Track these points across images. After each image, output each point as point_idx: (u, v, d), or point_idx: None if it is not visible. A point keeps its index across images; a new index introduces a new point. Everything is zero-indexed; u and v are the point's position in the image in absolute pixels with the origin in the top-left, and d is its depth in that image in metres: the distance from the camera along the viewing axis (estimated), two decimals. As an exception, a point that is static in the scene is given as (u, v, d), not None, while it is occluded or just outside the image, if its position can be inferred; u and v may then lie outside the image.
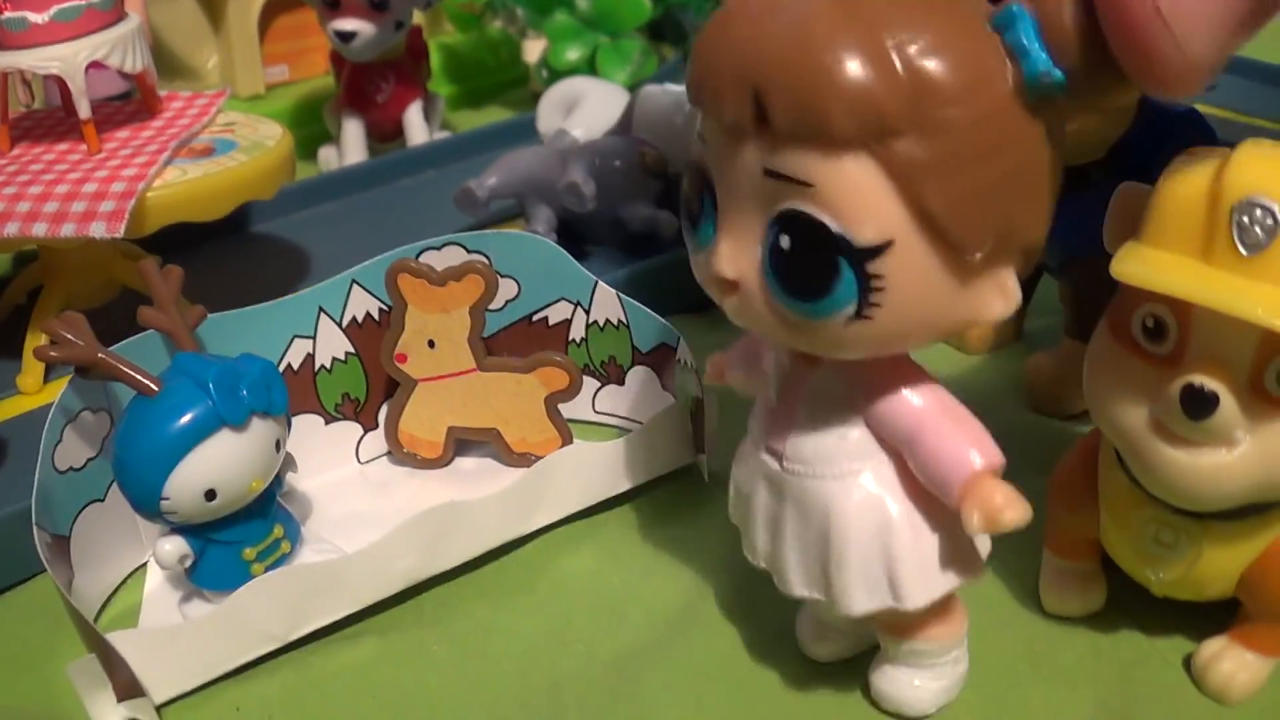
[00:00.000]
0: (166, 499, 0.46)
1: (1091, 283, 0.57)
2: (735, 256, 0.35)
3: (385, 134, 0.94)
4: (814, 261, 0.33)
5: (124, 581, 0.53)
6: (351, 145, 0.92)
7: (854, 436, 0.39)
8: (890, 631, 0.42)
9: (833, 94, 0.31)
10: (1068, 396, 0.59)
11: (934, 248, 0.33)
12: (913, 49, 0.31)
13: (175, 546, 0.48)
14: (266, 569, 0.49)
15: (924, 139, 0.32)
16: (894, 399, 0.38)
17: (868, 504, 0.38)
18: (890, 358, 0.38)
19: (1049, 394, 0.60)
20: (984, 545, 0.40)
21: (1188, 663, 0.45)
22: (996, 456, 0.37)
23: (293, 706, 0.47)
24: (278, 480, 0.51)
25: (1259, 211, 0.35)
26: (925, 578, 0.39)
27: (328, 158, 0.95)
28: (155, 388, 0.46)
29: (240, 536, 0.49)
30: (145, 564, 0.54)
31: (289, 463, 0.52)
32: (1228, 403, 0.37)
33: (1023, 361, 0.63)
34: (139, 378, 0.46)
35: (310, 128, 0.98)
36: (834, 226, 0.33)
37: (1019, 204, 0.34)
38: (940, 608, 0.41)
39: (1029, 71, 0.32)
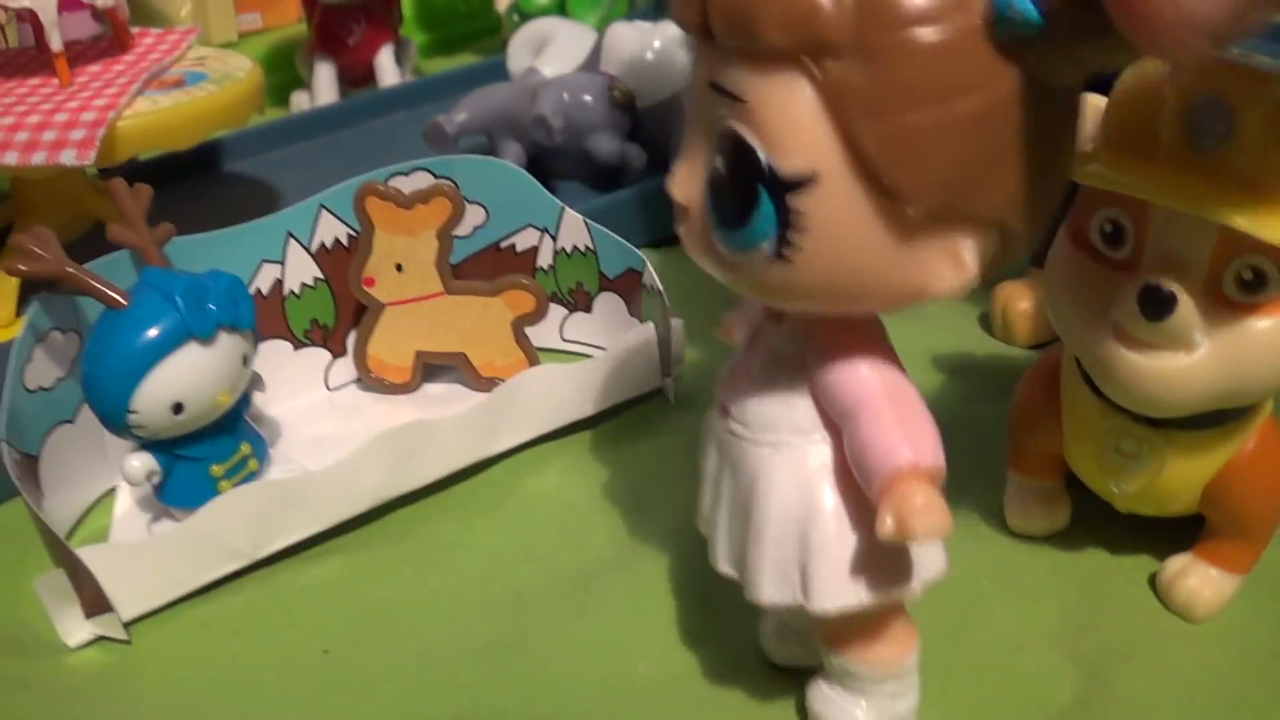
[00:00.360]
0: (134, 412, 0.46)
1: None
2: (686, 180, 0.32)
3: (356, 78, 0.94)
4: (736, 186, 0.30)
5: (93, 505, 0.54)
6: (323, 88, 0.92)
7: (800, 406, 0.35)
8: (822, 639, 0.38)
9: (772, 10, 0.28)
10: (1032, 326, 0.60)
11: (865, 191, 0.29)
12: None
13: (143, 463, 0.48)
14: (234, 486, 0.50)
15: (865, 63, 0.28)
16: (839, 369, 0.33)
17: (796, 482, 0.34)
18: (848, 323, 0.34)
19: (1014, 323, 0.60)
20: (930, 563, 0.36)
21: (1153, 580, 0.46)
22: (933, 458, 0.32)
23: (259, 622, 0.47)
24: (245, 398, 0.51)
25: (1212, 112, 0.36)
26: (838, 582, 0.34)
27: (299, 102, 0.95)
28: (123, 301, 0.47)
29: (207, 453, 0.50)
30: (115, 488, 0.54)
31: (256, 382, 0.52)
32: (1185, 304, 0.37)
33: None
34: (107, 291, 0.47)
35: (283, 74, 0.98)
36: (759, 150, 0.29)
37: (975, 160, 0.29)
38: (871, 626, 0.37)
39: (997, 2, 0.27)
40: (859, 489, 0.33)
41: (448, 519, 0.51)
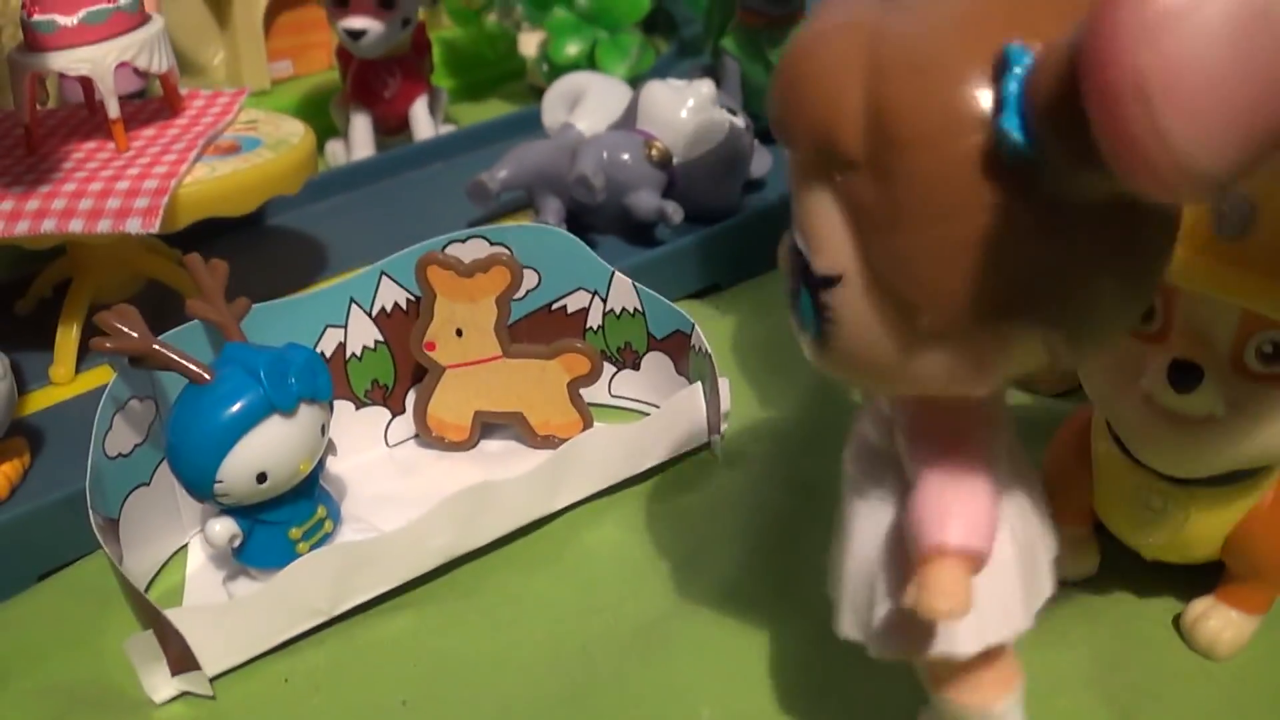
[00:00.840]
0: (220, 482, 0.49)
1: None
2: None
3: (391, 127, 0.97)
4: (792, 272, 0.32)
5: (166, 563, 0.56)
6: (360, 139, 0.94)
7: (892, 467, 0.36)
8: (925, 678, 0.40)
9: (797, 108, 0.30)
10: (1055, 374, 0.61)
11: (879, 297, 0.30)
12: (894, 74, 0.28)
13: (225, 527, 0.51)
14: (311, 548, 0.52)
15: (875, 179, 0.28)
16: (913, 439, 0.34)
17: (873, 534, 0.36)
18: (930, 398, 0.34)
19: (1036, 372, 0.62)
20: (997, 625, 0.36)
21: (1177, 622, 0.48)
22: (972, 541, 0.32)
23: (339, 675, 0.49)
24: (320, 464, 0.53)
25: (1235, 206, 0.38)
26: (892, 632, 0.36)
27: (334, 150, 0.97)
28: (208, 376, 0.49)
29: (286, 517, 0.52)
30: (186, 545, 0.57)
31: (330, 446, 0.55)
32: (1211, 377, 0.39)
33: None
34: (193, 367, 0.49)
35: (315, 122, 0.99)
36: (800, 245, 0.31)
37: (988, 277, 0.28)
38: (968, 668, 0.38)
39: (996, 127, 0.27)
40: None
41: (511, 572, 0.54)
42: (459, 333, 0.58)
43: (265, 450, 0.49)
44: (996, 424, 0.34)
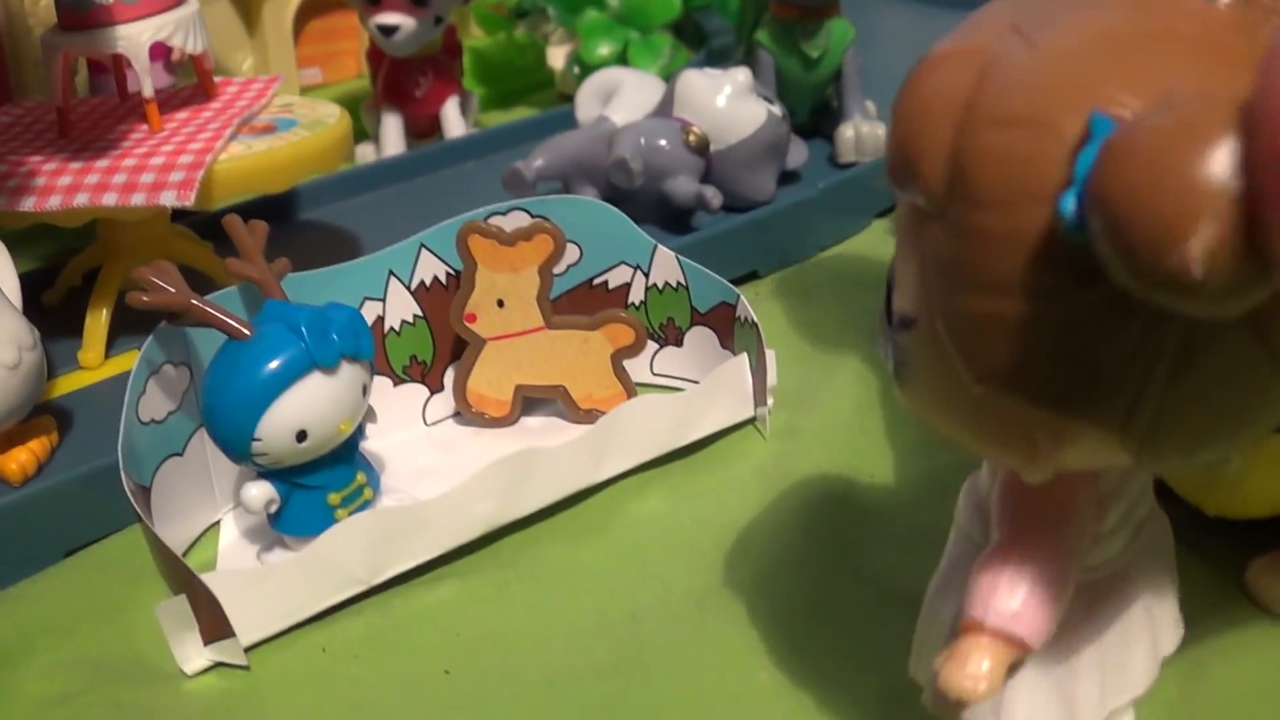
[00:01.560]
0: (259, 440, 0.47)
1: None
2: None
3: (422, 130, 0.96)
4: (885, 306, 0.31)
5: (199, 538, 0.55)
6: (391, 139, 0.93)
7: (981, 511, 0.34)
8: None
9: (895, 137, 0.28)
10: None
11: (941, 350, 0.28)
12: (983, 119, 0.26)
13: (262, 491, 0.49)
14: (350, 515, 0.51)
15: (946, 232, 0.27)
16: (1003, 499, 0.32)
17: (949, 577, 0.36)
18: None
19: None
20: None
21: (1241, 579, 0.47)
22: (1019, 629, 0.30)
23: (378, 645, 0.48)
24: (360, 429, 0.52)
25: None
26: (932, 691, 0.33)
27: (365, 155, 0.96)
28: (247, 332, 0.48)
29: (325, 481, 0.51)
30: (219, 521, 0.55)
31: (370, 413, 0.53)
32: None
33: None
34: (232, 323, 0.48)
35: (346, 127, 1.00)
36: (892, 282, 0.31)
37: (1032, 361, 0.27)
38: None
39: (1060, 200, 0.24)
40: None
41: (557, 543, 0.52)
42: (500, 304, 0.57)
43: (306, 407, 0.48)
44: (1081, 512, 0.32)
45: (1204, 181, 0.21)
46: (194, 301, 0.48)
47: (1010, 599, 0.30)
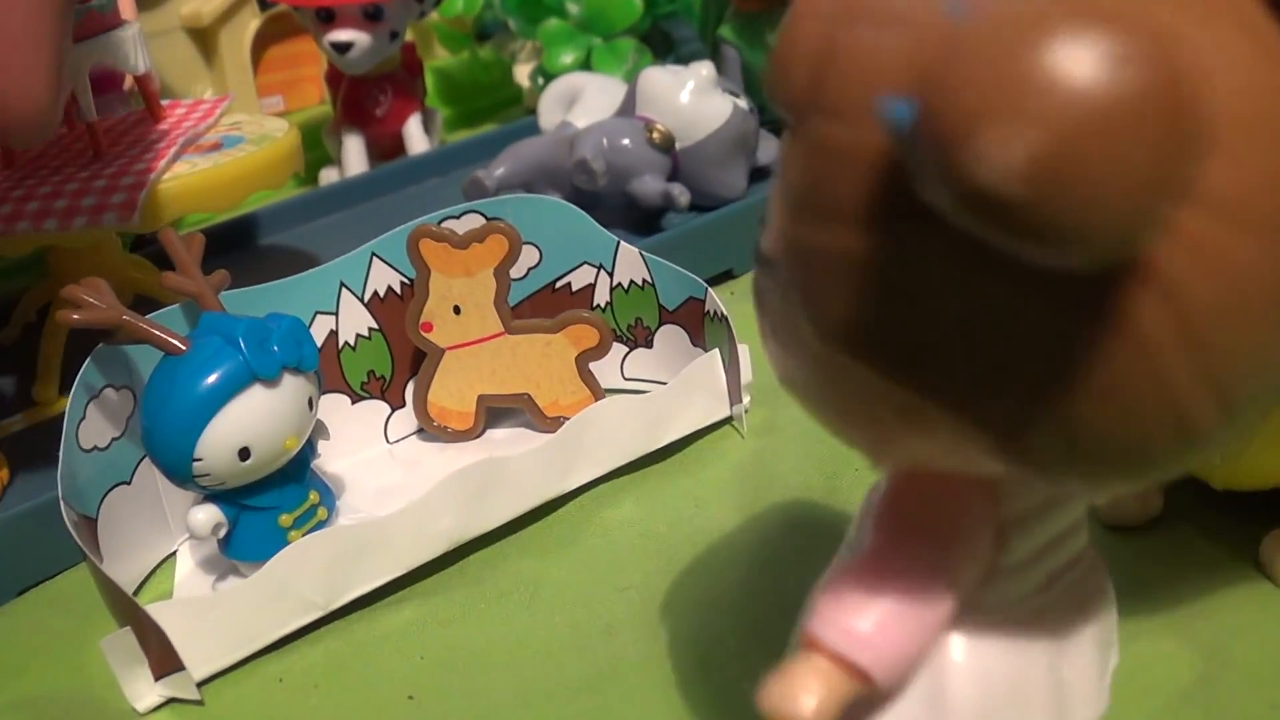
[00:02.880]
0: (199, 460, 0.45)
1: None
2: None
3: (385, 150, 0.94)
4: None
5: (153, 571, 0.52)
6: (353, 160, 0.91)
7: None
8: None
9: (771, 58, 0.25)
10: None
11: (788, 301, 0.25)
12: (855, 24, 0.23)
13: (208, 515, 0.47)
14: (303, 536, 0.48)
15: (800, 152, 0.24)
16: (884, 502, 0.28)
17: None
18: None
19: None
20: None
21: (1255, 555, 0.45)
22: (861, 653, 0.26)
23: (339, 673, 0.45)
24: (310, 446, 0.50)
25: None
26: None
27: (328, 178, 0.94)
28: (183, 347, 0.45)
29: (276, 502, 0.48)
30: (174, 553, 0.53)
31: (320, 429, 0.51)
32: None
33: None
34: (166, 337, 0.45)
35: (309, 154, 0.97)
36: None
37: (883, 318, 0.23)
38: None
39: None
40: None
41: (526, 558, 0.50)
42: (456, 310, 0.54)
43: (247, 423, 0.45)
44: (972, 533, 0.26)
45: (1027, 72, 0.18)
46: (126, 317, 0.45)
47: (860, 618, 0.26)
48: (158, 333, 0.45)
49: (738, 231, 0.72)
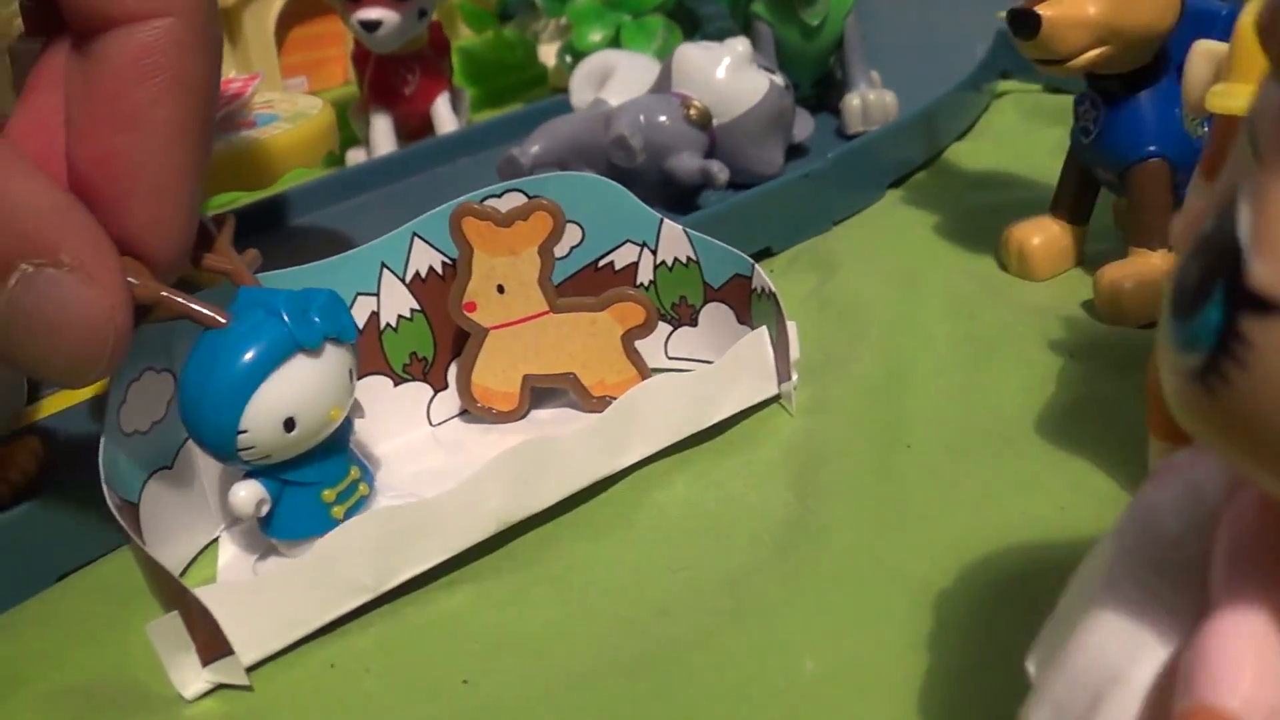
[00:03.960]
0: (244, 432, 0.44)
1: (1153, 186, 0.58)
2: (1181, 227, 0.24)
3: (413, 130, 0.93)
4: (1199, 263, 0.20)
5: (196, 557, 0.51)
6: (381, 140, 0.91)
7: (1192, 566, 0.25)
8: None
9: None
10: (1140, 305, 0.58)
11: None
12: None
13: (251, 491, 0.46)
14: (346, 513, 0.48)
15: None
16: (1252, 552, 0.23)
17: (1130, 638, 0.25)
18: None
19: (1122, 304, 0.58)
20: None
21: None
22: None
23: (391, 657, 0.44)
24: (349, 421, 0.49)
25: None
26: None
27: (356, 159, 0.93)
28: (224, 320, 0.45)
29: (318, 477, 0.47)
30: (217, 539, 0.52)
31: (356, 408, 0.50)
32: None
33: (1089, 281, 0.62)
34: (207, 311, 0.44)
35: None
36: (1240, 232, 0.19)
37: None
38: None
39: None
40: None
41: (577, 540, 0.49)
42: (500, 289, 0.53)
43: (292, 392, 0.44)
44: None
45: None
46: (164, 293, 0.44)
47: (1261, 687, 0.22)
48: (198, 307, 0.44)
49: (776, 209, 0.71)
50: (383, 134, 0.91)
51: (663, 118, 0.70)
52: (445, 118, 0.91)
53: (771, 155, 0.73)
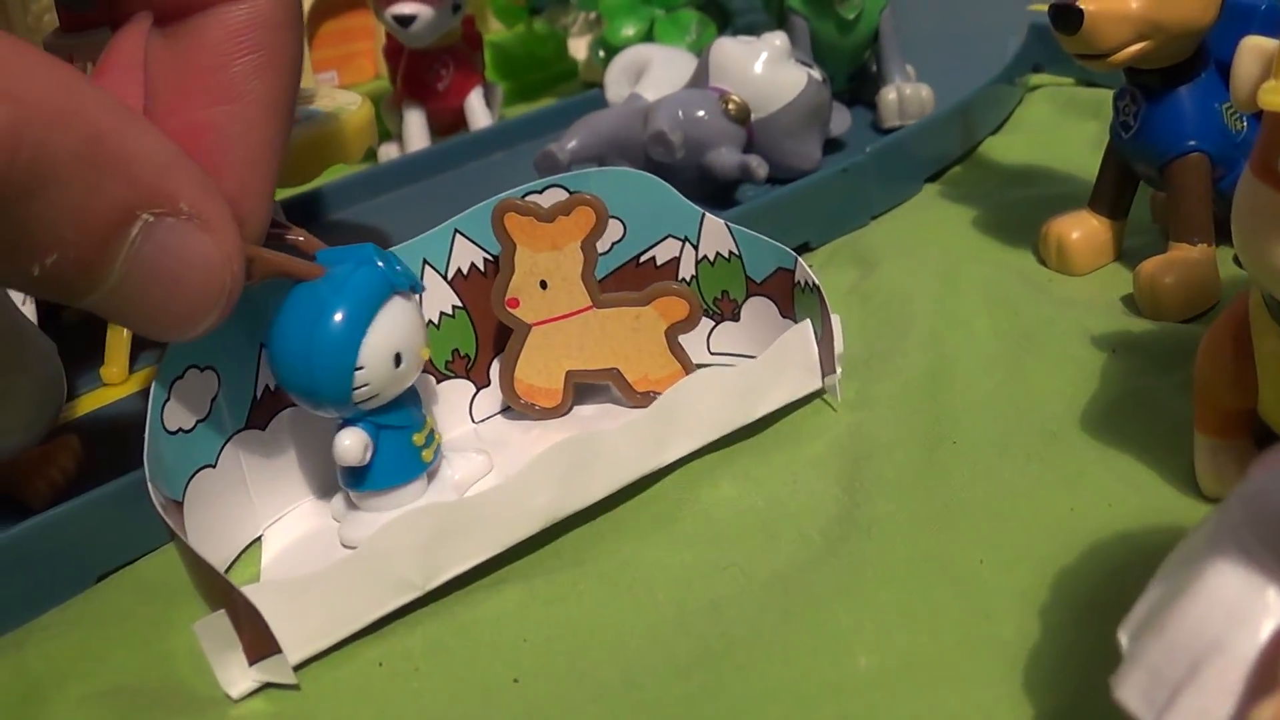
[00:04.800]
0: (361, 368, 0.46)
1: (1192, 180, 0.57)
2: None
3: (446, 125, 0.93)
4: None
5: (238, 556, 0.51)
6: (415, 134, 0.91)
7: None
8: None
9: None
10: (1181, 300, 0.58)
11: None
12: None
13: (356, 438, 0.48)
14: (433, 455, 0.50)
15: None
16: None
17: (1238, 611, 0.26)
18: None
19: (1162, 299, 0.58)
20: None
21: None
22: None
23: (440, 656, 0.44)
24: None
25: None
26: None
27: (388, 154, 0.93)
28: (319, 271, 0.46)
29: (408, 420, 0.49)
30: (260, 538, 0.52)
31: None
32: None
33: (1128, 276, 0.61)
34: (303, 264, 0.46)
35: (367, 129, 0.97)
36: None
37: None
38: None
39: None
40: None
41: (623, 538, 0.49)
42: (543, 285, 0.53)
43: (396, 329, 0.46)
44: None
45: None
46: (263, 253, 0.44)
47: None
48: (295, 262, 0.46)
49: (814, 204, 0.70)
50: (416, 129, 0.90)
51: (701, 113, 0.70)
52: (479, 112, 0.91)
53: (809, 150, 0.73)
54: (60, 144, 0.33)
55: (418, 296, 0.49)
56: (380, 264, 0.46)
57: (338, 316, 0.45)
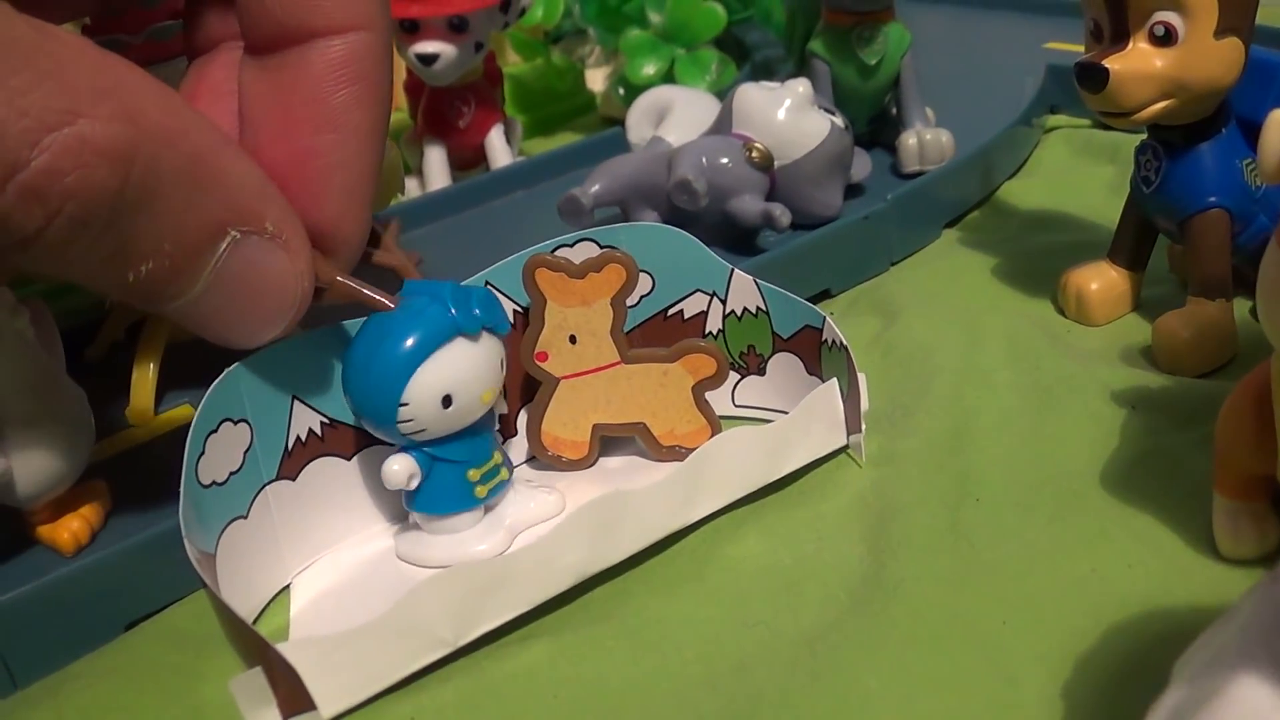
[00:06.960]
0: (405, 404, 0.47)
1: (1212, 236, 0.58)
2: None
3: (466, 161, 0.93)
4: None
5: (268, 604, 0.52)
6: (435, 172, 0.91)
7: None
8: None
9: None
10: (1199, 355, 0.58)
11: None
12: None
13: (404, 465, 0.49)
14: (489, 493, 0.51)
15: None
16: None
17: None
18: None
19: (1180, 354, 0.59)
20: None
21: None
22: None
23: (470, 712, 0.45)
24: (493, 409, 0.52)
25: None
26: None
27: (409, 188, 0.94)
28: (392, 304, 0.48)
29: (466, 455, 0.50)
30: (288, 586, 0.52)
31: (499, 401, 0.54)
32: None
33: (1146, 327, 0.62)
34: (377, 294, 0.47)
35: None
36: None
37: None
38: None
39: None
40: None
41: (650, 594, 0.49)
42: (572, 340, 0.54)
43: (451, 372, 0.48)
44: None
45: None
46: (339, 278, 0.46)
47: None
48: (368, 291, 0.47)
49: (835, 251, 0.71)
50: (437, 166, 0.91)
51: (725, 160, 0.70)
52: (500, 150, 0.92)
53: (831, 197, 0.73)
54: (168, 162, 0.36)
55: (497, 338, 0.50)
56: (451, 306, 0.48)
57: (392, 352, 0.47)
